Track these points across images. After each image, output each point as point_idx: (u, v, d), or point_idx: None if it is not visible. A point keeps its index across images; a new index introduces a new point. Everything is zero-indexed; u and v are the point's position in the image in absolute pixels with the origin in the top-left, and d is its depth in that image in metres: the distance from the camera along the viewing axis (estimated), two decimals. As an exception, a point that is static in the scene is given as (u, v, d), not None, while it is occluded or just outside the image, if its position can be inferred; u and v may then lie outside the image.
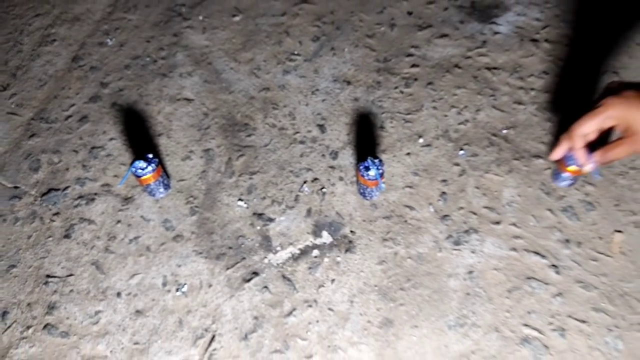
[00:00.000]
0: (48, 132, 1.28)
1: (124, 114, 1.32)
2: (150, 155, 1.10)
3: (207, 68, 1.41)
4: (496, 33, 1.49)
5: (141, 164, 1.08)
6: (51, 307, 1.04)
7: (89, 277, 1.07)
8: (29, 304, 1.05)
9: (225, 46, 1.47)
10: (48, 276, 1.08)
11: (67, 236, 1.13)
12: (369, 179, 1.11)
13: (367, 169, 1.10)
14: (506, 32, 1.50)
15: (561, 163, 1.12)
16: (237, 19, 1.53)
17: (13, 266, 1.09)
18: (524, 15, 1.53)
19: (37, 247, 1.12)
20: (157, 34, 1.49)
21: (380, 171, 1.11)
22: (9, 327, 1.02)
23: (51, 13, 1.54)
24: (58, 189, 1.19)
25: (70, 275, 1.08)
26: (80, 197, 1.18)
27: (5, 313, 1.03)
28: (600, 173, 0.94)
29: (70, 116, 1.31)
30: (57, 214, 1.16)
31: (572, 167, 1.11)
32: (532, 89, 1.38)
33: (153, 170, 1.09)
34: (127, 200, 1.18)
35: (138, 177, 1.09)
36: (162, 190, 1.16)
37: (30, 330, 1.02)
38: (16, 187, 1.20)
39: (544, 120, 1.32)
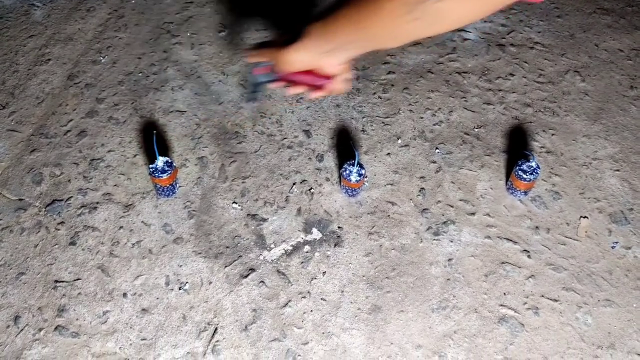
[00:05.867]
0: (48, 147, 1.35)
1: (121, 127, 1.40)
2: (169, 160, 1.21)
3: (197, 81, 1.50)
4: (465, 39, 1.60)
5: (162, 165, 1.20)
6: (61, 310, 1.11)
7: (96, 280, 1.14)
8: (39, 308, 1.11)
9: (213, 60, 1.55)
10: (56, 281, 1.14)
11: (72, 243, 1.20)
12: (352, 182, 1.21)
13: (349, 173, 1.20)
14: (474, 38, 1.61)
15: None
16: (222, 34, 1.62)
17: (22, 273, 1.15)
18: (491, 21, 1.64)
19: (44, 254, 1.18)
20: (148, 50, 1.57)
21: (362, 172, 1.21)
22: (21, 330, 1.08)
23: (44, 34, 1.61)
24: (61, 200, 1.26)
25: (78, 279, 1.15)
26: (83, 206, 1.25)
27: (17, 317, 1.10)
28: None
29: (69, 131, 1.38)
30: (61, 223, 1.23)
31: None
32: (500, 90, 1.48)
33: (169, 174, 1.20)
34: (128, 207, 1.25)
35: (155, 177, 1.20)
36: (170, 193, 1.25)
37: (42, 332, 1.08)
38: (20, 200, 1.26)
39: (512, 119, 1.43)
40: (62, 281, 1.14)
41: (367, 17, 0.62)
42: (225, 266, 1.17)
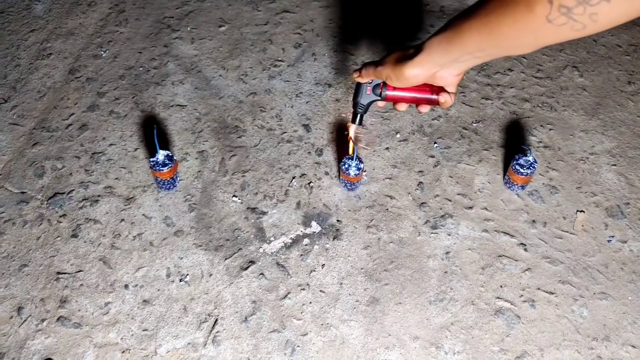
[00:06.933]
0: (50, 140, 1.36)
1: (122, 121, 1.41)
2: (170, 154, 1.22)
3: (197, 76, 1.51)
4: (464, 35, 1.61)
5: (163, 159, 1.21)
6: (63, 301, 1.12)
7: (98, 272, 1.16)
8: (42, 299, 1.12)
9: (213, 55, 1.56)
10: (58, 273, 1.16)
11: (74, 236, 1.21)
12: (351, 176, 1.22)
13: (348, 167, 1.22)
14: (474, 33, 1.61)
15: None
16: (223, 29, 1.63)
17: (25, 265, 1.17)
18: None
19: (46, 247, 1.20)
20: (149, 45, 1.58)
21: (360, 167, 1.22)
22: (24, 321, 1.10)
23: (45, 28, 1.62)
24: (63, 193, 1.27)
25: (80, 271, 1.16)
26: (85, 199, 1.26)
27: (20, 308, 1.11)
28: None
29: (70, 125, 1.40)
30: (63, 215, 1.24)
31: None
32: (498, 85, 1.49)
33: (170, 168, 1.21)
34: (129, 200, 1.26)
35: (156, 171, 1.21)
36: (171, 186, 1.26)
37: (45, 323, 1.10)
38: (23, 193, 1.28)
39: (510, 113, 1.44)
40: (65, 273, 1.16)
41: (501, 25, 0.61)
42: (226, 259, 1.18)
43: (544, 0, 0.55)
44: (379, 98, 0.95)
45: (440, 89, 0.87)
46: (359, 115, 1.02)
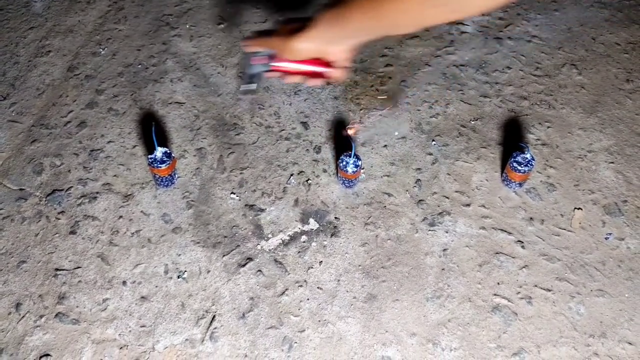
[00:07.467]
0: (49, 138, 1.37)
1: (120, 118, 1.41)
2: (168, 151, 1.22)
3: (196, 73, 1.51)
4: (463, 32, 1.61)
5: (161, 156, 1.21)
6: (61, 297, 1.12)
7: (96, 269, 1.16)
8: (40, 296, 1.13)
9: (212, 52, 1.56)
10: (57, 269, 1.16)
11: (72, 232, 1.21)
12: (349, 173, 1.22)
13: (346, 164, 1.22)
14: (472, 31, 1.62)
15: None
16: (221, 26, 1.63)
17: (23, 262, 1.17)
18: (489, 15, 1.65)
19: (45, 243, 1.20)
20: (147, 42, 1.58)
21: (358, 164, 1.22)
22: (22, 317, 1.10)
23: (44, 25, 1.62)
24: (61, 190, 1.28)
25: (78, 267, 1.16)
26: (83, 196, 1.27)
27: (18, 305, 1.12)
28: None
29: (69, 122, 1.40)
30: (62, 212, 1.24)
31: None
32: (497, 83, 1.50)
33: (168, 165, 1.21)
34: (127, 197, 1.27)
35: (154, 168, 1.21)
36: (169, 183, 1.26)
37: (43, 319, 1.10)
38: (21, 190, 1.28)
39: (508, 111, 1.44)
40: (63, 269, 1.16)
41: (385, 3, 0.62)
42: (224, 255, 1.18)
43: None
44: (267, 69, 0.91)
45: (331, 63, 0.85)
46: (251, 85, 0.99)
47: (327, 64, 0.85)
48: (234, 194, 1.28)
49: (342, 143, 1.35)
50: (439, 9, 0.58)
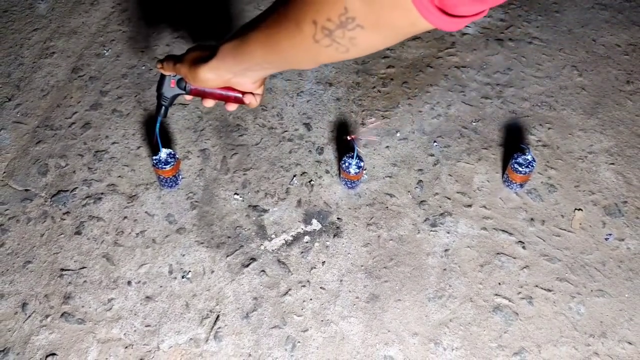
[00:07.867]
0: (53, 139, 1.38)
1: (124, 119, 1.42)
2: (172, 152, 1.24)
3: (199, 74, 1.52)
4: (464, 34, 1.62)
5: (165, 157, 1.22)
6: (67, 297, 1.14)
7: (101, 269, 1.17)
8: (46, 295, 1.14)
9: (215, 54, 1.57)
10: (62, 269, 1.17)
11: (77, 233, 1.22)
12: (351, 174, 1.23)
13: (349, 165, 1.23)
14: (473, 32, 1.63)
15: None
16: (224, 28, 1.64)
17: (29, 262, 1.18)
18: (490, 16, 1.66)
19: (50, 243, 1.21)
20: (151, 44, 1.59)
21: (361, 165, 1.23)
22: (29, 317, 1.11)
23: (49, 27, 1.63)
24: (66, 190, 1.29)
25: (83, 267, 1.18)
26: (88, 196, 1.28)
27: (24, 304, 1.13)
28: None
29: (73, 123, 1.41)
30: (67, 213, 1.25)
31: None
32: (498, 84, 1.51)
33: (172, 166, 1.23)
34: (132, 198, 1.28)
35: (158, 169, 1.22)
36: (173, 184, 1.27)
37: (49, 319, 1.11)
38: (26, 190, 1.29)
39: (509, 112, 1.45)
40: (68, 269, 1.17)
41: (280, 40, 0.61)
42: (227, 256, 1.20)
43: (309, 21, 0.55)
44: (184, 92, 0.91)
45: (242, 91, 0.85)
46: (163, 108, 0.99)
47: (240, 91, 0.85)
48: (238, 194, 1.29)
49: (344, 144, 1.37)
50: (331, 48, 0.57)
